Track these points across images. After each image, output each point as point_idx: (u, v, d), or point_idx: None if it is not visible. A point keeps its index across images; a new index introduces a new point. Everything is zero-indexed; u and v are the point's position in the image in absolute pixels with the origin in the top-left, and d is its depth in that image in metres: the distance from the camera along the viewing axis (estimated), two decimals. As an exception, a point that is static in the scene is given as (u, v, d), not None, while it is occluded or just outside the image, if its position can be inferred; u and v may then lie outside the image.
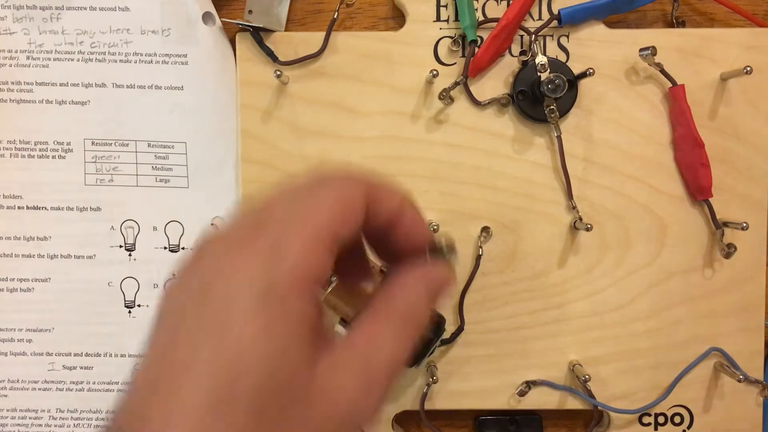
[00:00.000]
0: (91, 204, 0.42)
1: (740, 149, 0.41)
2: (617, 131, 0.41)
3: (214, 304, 0.20)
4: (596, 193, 0.41)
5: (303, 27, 0.42)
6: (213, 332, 0.19)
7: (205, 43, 0.41)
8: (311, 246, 0.21)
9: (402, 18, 0.41)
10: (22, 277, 0.42)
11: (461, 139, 0.41)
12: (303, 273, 0.20)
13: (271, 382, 0.19)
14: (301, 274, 0.20)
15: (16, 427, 0.42)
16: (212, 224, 0.42)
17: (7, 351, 0.42)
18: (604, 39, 0.41)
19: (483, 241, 0.41)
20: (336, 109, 0.41)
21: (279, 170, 0.41)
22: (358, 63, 0.40)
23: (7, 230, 0.42)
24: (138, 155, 0.41)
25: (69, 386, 0.42)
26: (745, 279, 0.41)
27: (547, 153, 0.41)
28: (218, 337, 0.19)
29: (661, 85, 0.41)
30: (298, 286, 0.20)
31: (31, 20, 0.41)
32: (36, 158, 0.41)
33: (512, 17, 0.39)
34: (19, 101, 0.41)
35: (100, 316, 0.42)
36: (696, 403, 0.41)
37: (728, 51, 0.40)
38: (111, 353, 0.42)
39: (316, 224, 0.21)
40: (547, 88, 0.38)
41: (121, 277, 0.42)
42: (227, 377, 0.19)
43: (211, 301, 0.20)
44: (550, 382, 0.41)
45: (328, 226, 0.21)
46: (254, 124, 0.41)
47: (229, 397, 0.18)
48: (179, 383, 0.19)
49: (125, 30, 0.41)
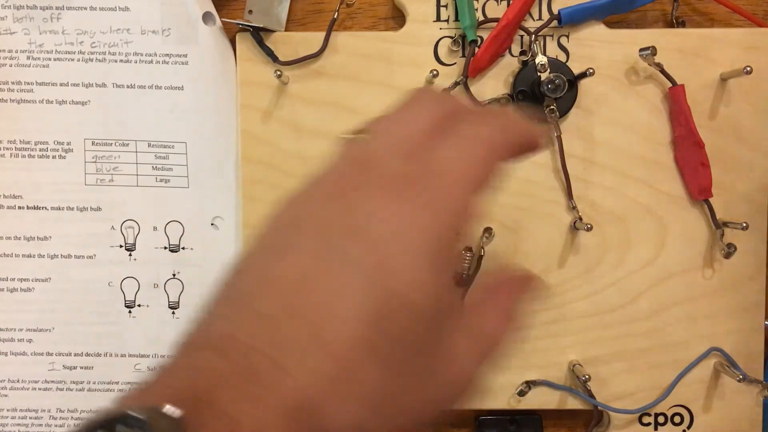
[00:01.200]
0: (91, 204, 0.42)
1: (740, 149, 0.41)
2: (617, 131, 0.41)
3: (372, 232, 0.19)
4: (596, 193, 0.41)
5: (303, 27, 0.42)
6: (372, 248, 0.19)
7: (205, 43, 0.41)
8: (469, 197, 0.21)
9: (402, 18, 0.41)
10: (22, 277, 0.42)
11: (461, 139, 0.41)
12: (460, 222, 0.20)
13: (435, 312, 0.19)
14: (457, 223, 0.20)
15: (16, 427, 0.42)
16: (212, 224, 0.42)
17: (7, 351, 0.42)
18: (604, 39, 0.41)
19: (485, 242, 0.41)
20: (336, 109, 0.41)
21: (279, 170, 0.41)
22: (358, 63, 0.40)
23: (7, 230, 0.42)
24: (138, 155, 0.41)
25: (69, 386, 0.42)
26: (745, 279, 0.41)
27: (547, 153, 0.41)
28: (382, 254, 0.19)
29: (661, 85, 0.41)
30: (455, 234, 0.20)
31: (32, 20, 0.41)
32: (36, 158, 0.41)
33: (512, 17, 0.39)
34: (19, 101, 0.41)
35: (100, 316, 0.42)
36: (696, 403, 0.41)
37: (728, 51, 0.40)
38: (111, 353, 0.42)
39: (466, 175, 0.21)
40: (547, 88, 0.38)
41: (121, 277, 0.42)
42: (393, 292, 0.18)
43: (369, 228, 0.19)
44: (550, 382, 0.41)
45: (478, 179, 0.22)
46: (254, 124, 0.41)
47: (391, 312, 0.18)
48: (337, 291, 0.18)
49: (125, 30, 0.41)
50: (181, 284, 0.42)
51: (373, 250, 0.19)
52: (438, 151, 0.21)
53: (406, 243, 0.19)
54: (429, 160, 0.21)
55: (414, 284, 0.19)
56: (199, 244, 0.42)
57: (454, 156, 0.21)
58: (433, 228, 0.19)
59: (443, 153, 0.21)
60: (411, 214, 0.19)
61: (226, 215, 0.42)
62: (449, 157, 0.21)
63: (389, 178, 0.20)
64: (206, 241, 0.42)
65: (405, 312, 0.18)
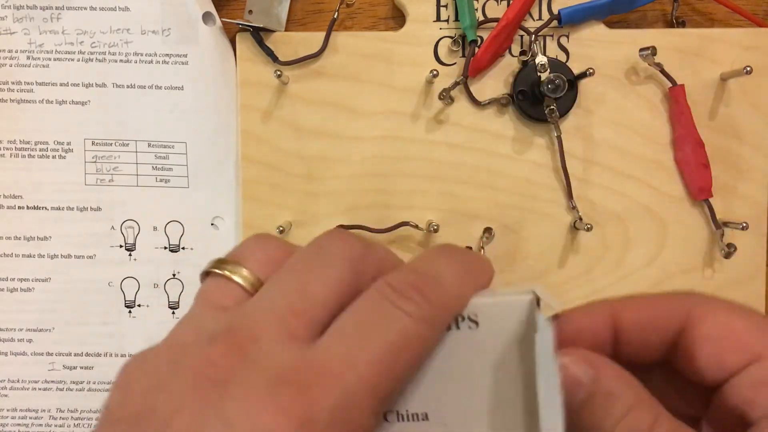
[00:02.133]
0: (91, 204, 0.42)
1: (740, 149, 0.41)
2: (617, 131, 0.41)
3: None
4: (596, 193, 0.41)
5: (303, 27, 0.42)
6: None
7: (205, 43, 0.41)
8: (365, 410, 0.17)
9: (402, 18, 0.41)
10: (22, 277, 0.42)
11: (461, 139, 0.41)
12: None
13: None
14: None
15: (16, 427, 0.42)
16: (212, 224, 0.42)
17: (7, 351, 0.42)
18: (604, 39, 0.41)
19: (485, 242, 0.41)
20: (336, 109, 0.41)
21: (279, 170, 0.41)
22: (358, 63, 0.40)
23: (7, 230, 0.42)
24: (138, 155, 0.41)
25: (69, 386, 0.42)
26: (745, 279, 0.41)
27: (547, 153, 0.41)
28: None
29: (661, 85, 0.41)
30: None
31: (32, 20, 0.41)
32: (36, 158, 0.41)
33: (512, 17, 0.39)
34: (19, 101, 0.41)
35: (100, 316, 0.42)
36: (696, 403, 0.41)
37: (728, 51, 0.40)
38: (111, 353, 0.42)
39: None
40: (547, 88, 0.38)
41: (121, 277, 0.42)
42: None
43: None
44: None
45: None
46: (254, 124, 0.41)
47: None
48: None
49: (125, 30, 0.41)
50: (181, 284, 0.42)
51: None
52: (333, 339, 0.17)
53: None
54: (319, 350, 0.17)
55: None
56: (199, 244, 0.42)
57: (354, 352, 0.17)
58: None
59: (341, 346, 0.17)
60: (282, 426, 0.16)
61: (226, 215, 0.42)
62: (341, 351, 0.17)
63: (267, 373, 0.17)
64: (206, 241, 0.42)
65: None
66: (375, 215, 0.41)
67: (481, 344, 0.19)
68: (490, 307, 0.19)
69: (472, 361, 0.19)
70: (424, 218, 0.41)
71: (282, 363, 0.17)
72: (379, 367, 0.17)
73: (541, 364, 0.18)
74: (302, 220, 0.41)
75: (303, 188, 0.41)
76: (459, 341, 0.19)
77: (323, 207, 0.41)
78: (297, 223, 0.41)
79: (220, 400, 0.16)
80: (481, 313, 0.19)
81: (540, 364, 0.18)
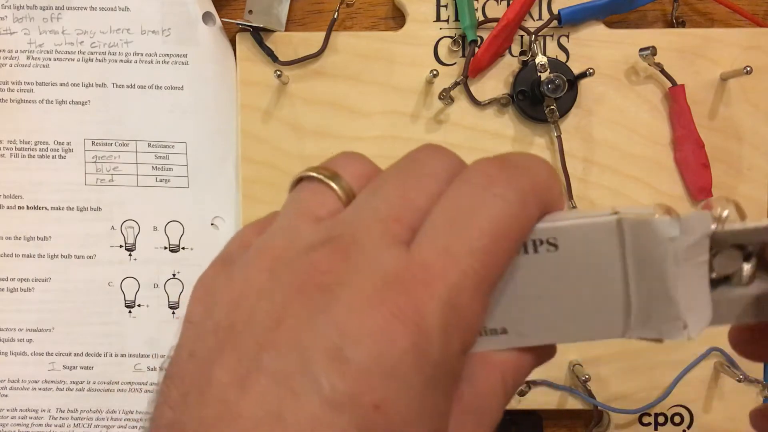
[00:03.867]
0: (91, 204, 0.42)
1: (740, 149, 0.41)
2: (617, 131, 0.41)
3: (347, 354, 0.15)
4: (596, 193, 0.41)
5: (303, 27, 0.42)
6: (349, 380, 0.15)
7: (205, 43, 0.41)
8: (473, 302, 0.17)
9: (402, 18, 0.41)
10: (22, 277, 0.42)
11: (461, 139, 0.41)
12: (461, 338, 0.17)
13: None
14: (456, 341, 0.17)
15: (16, 427, 0.42)
16: (212, 224, 0.42)
17: (7, 351, 0.42)
18: (604, 39, 0.41)
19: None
20: (336, 109, 0.41)
21: (279, 170, 0.41)
22: (358, 63, 0.40)
23: (7, 230, 0.42)
24: (138, 155, 0.41)
25: (69, 386, 0.42)
26: (745, 279, 0.41)
27: (547, 153, 0.41)
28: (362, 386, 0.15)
29: (661, 85, 0.41)
30: (458, 353, 0.17)
31: (32, 20, 0.41)
32: (36, 158, 0.41)
33: (512, 17, 0.39)
34: (19, 101, 0.41)
35: (100, 316, 0.42)
36: (696, 403, 0.41)
37: (728, 51, 0.40)
38: (111, 353, 0.42)
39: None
40: (547, 88, 0.38)
41: (121, 277, 0.42)
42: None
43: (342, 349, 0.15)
44: (550, 382, 0.41)
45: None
46: (254, 124, 0.41)
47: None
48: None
49: (125, 30, 0.41)
50: (181, 284, 0.42)
51: (351, 382, 0.15)
52: (429, 236, 0.17)
53: (389, 371, 0.15)
54: (419, 249, 0.17)
55: (404, 425, 0.15)
56: (199, 244, 0.42)
57: (453, 245, 0.17)
58: (424, 350, 0.16)
59: (438, 241, 0.17)
60: (397, 329, 0.16)
61: (226, 215, 0.42)
62: (444, 249, 0.17)
63: (374, 276, 0.16)
64: (206, 241, 0.42)
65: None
66: (375, 215, 0.41)
67: (563, 265, 0.19)
68: (571, 229, 0.18)
69: (552, 279, 0.19)
70: (424, 218, 0.41)
71: (388, 266, 0.16)
72: (479, 257, 0.17)
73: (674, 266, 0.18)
74: (302, 220, 0.41)
75: (303, 188, 0.41)
76: (538, 263, 0.19)
77: (323, 207, 0.41)
78: (297, 223, 0.41)
79: (328, 305, 0.16)
80: (560, 236, 0.18)
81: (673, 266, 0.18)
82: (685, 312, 0.19)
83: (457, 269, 0.16)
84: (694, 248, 0.18)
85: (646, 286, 0.19)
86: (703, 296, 0.19)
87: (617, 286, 0.19)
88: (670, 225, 0.18)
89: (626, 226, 0.18)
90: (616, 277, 0.19)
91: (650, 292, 0.19)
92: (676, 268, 0.18)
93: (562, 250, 0.18)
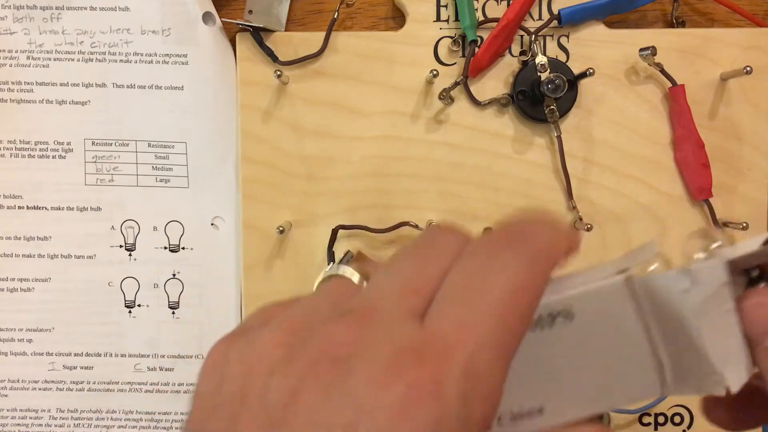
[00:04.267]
0: (91, 204, 0.42)
1: (740, 149, 0.41)
2: (617, 131, 0.41)
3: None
4: (596, 193, 0.41)
5: (303, 27, 0.42)
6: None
7: (205, 43, 0.41)
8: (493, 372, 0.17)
9: (402, 18, 0.41)
10: (22, 277, 0.42)
11: (461, 139, 0.41)
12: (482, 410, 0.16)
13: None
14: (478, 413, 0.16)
15: (16, 427, 0.42)
16: (212, 224, 0.42)
17: (7, 351, 0.42)
18: (604, 39, 0.41)
19: (483, 241, 0.41)
20: (336, 109, 0.41)
21: (279, 170, 0.41)
22: (358, 63, 0.40)
23: (7, 230, 0.42)
24: (138, 155, 0.41)
25: (69, 386, 0.42)
26: (745, 279, 0.41)
27: (547, 153, 0.41)
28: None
29: (661, 85, 0.41)
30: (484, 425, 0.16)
31: (32, 20, 0.41)
32: (36, 158, 0.41)
33: (512, 17, 0.39)
34: (19, 101, 0.41)
35: (100, 316, 0.42)
36: (696, 403, 0.41)
37: (728, 51, 0.40)
38: (111, 353, 0.42)
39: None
40: (547, 88, 0.38)
41: (121, 277, 0.42)
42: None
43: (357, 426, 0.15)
44: (550, 382, 0.41)
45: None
46: (254, 124, 0.41)
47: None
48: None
49: (125, 30, 0.41)
50: (181, 284, 0.42)
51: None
52: (443, 307, 0.17)
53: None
54: (434, 320, 0.17)
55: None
56: (199, 244, 0.42)
57: (466, 315, 0.17)
58: (443, 422, 0.15)
59: (452, 312, 0.17)
60: (414, 402, 0.15)
61: (226, 215, 0.42)
62: (459, 319, 0.17)
63: (391, 348, 0.16)
64: (206, 241, 0.42)
65: None
66: (375, 215, 0.41)
67: (583, 334, 0.18)
68: (582, 298, 0.18)
69: (576, 350, 0.18)
70: (424, 218, 0.41)
71: (404, 337, 0.16)
72: (494, 324, 0.16)
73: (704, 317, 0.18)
74: (302, 220, 0.41)
75: (303, 188, 0.41)
76: (557, 336, 0.18)
77: (323, 207, 0.41)
78: (297, 223, 0.41)
79: (343, 377, 0.16)
80: (573, 306, 0.18)
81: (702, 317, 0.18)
82: (721, 366, 0.18)
83: (473, 338, 0.16)
84: (714, 298, 0.18)
85: (673, 342, 0.18)
86: (737, 345, 0.18)
87: (643, 346, 0.19)
88: (678, 278, 0.17)
89: (636, 285, 0.18)
90: (639, 336, 0.18)
91: (678, 347, 0.18)
92: (698, 321, 0.18)
93: (578, 320, 0.18)
